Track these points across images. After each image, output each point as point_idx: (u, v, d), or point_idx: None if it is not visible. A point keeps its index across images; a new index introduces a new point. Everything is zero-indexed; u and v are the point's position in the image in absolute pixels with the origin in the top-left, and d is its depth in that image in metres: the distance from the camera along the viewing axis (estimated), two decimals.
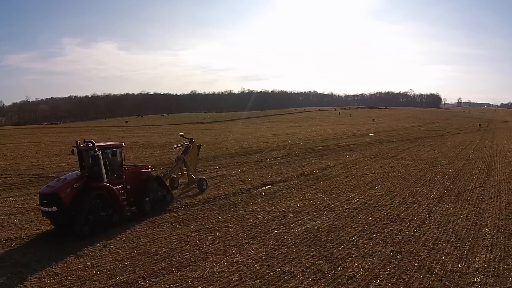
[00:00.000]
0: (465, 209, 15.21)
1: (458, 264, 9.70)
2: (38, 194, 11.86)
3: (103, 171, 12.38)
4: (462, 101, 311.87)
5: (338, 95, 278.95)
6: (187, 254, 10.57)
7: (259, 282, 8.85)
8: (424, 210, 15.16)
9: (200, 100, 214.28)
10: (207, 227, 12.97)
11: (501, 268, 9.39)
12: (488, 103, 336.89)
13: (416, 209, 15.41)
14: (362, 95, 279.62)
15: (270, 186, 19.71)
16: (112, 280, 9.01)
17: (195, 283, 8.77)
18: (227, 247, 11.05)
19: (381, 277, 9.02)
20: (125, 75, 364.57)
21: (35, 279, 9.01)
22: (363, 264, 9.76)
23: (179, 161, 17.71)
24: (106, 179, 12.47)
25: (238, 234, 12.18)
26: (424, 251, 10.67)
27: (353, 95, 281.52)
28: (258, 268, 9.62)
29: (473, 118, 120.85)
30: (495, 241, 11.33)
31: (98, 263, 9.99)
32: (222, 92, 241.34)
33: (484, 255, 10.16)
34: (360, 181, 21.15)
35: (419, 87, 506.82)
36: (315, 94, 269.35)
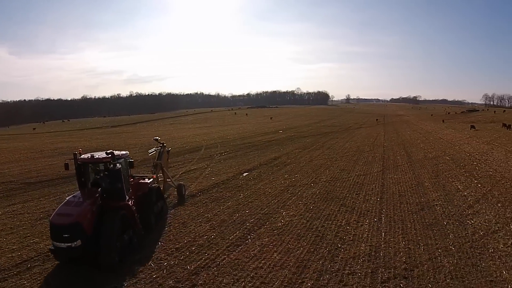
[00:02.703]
0: (406, 175, 27.95)
1: (417, 199, 21.26)
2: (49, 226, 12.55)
3: (124, 187, 14.31)
4: (351, 98, 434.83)
5: (225, 96, 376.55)
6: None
7: (311, 216, 17.77)
8: (378, 178, 27.03)
9: (92, 105, 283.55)
10: (240, 201, 21.28)
11: (442, 198, 21.46)
12: (377, 99, 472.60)
13: (371, 178, 27.12)
14: (248, 94, 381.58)
15: (247, 173, 29.52)
16: None
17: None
18: (274, 206, 19.87)
19: (376, 209, 19.47)
20: (14, 80, 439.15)
21: None
22: (363, 205, 20.01)
23: (158, 167, 21.95)
24: (127, 197, 14.46)
25: (270, 201, 21.23)
26: (396, 195, 21.89)
27: (239, 95, 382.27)
28: (305, 212, 18.48)
29: (367, 114, 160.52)
30: (434, 188, 23.73)
31: None
32: (112, 96, 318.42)
33: (433, 194, 22.16)
34: (314, 165, 32.45)
35: (307, 85, 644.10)
36: (202, 95, 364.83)
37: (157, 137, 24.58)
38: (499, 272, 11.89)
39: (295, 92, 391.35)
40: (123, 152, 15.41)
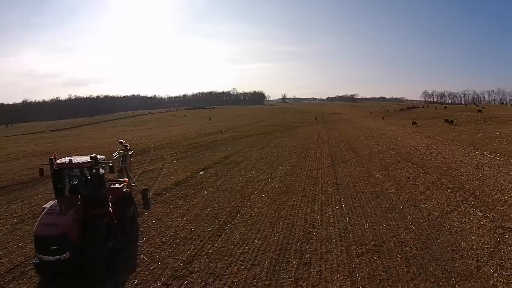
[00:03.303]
0: (356, 168, 30.88)
1: (371, 189, 24.03)
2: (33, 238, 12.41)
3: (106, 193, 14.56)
4: (287, 97, 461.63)
5: (162, 97, 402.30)
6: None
7: (277, 207, 19.66)
8: (330, 171, 29.65)
9: (33, 109, 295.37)
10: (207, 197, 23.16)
11: (394, 187, 24.43)
12: (313, 98, 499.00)
13: (324, 172, 29.67)
14: (185, 96, 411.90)
15: (203, 172, 31.80)
16: None
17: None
18: (240, 200, 21.30)
19: (335, 198, 21.91)
20: None
21: None
22: (322, 196, 22.35)
23: (123, 171, 22.19)
24: (109, 203, 14.70)
25: (235, 196, 23.42)
26: (351, 186, 24.51)
27: (175, 96, 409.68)
28: (271, 203, 20.36)
29: (304, 113, 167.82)
30: (385, 179, 26.71)
31: None
32: (51, 100, 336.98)
33: (386, 184, 25.05)
34: (266, 162, 34.77)
35: (243, 85, 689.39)
36: (139, 97, 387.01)
37: (121, 140, 24.83)
38: (458, 243, 14.45)
39: (231, 92, 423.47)
40: (101, 157, 15.20)
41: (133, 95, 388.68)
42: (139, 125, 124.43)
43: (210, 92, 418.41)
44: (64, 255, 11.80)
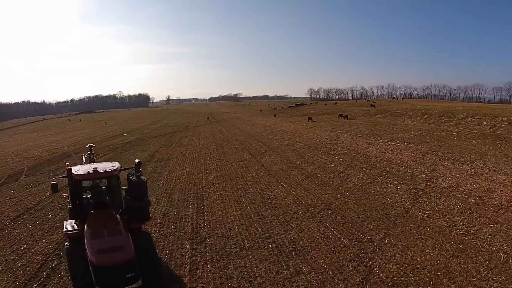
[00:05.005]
0: (276, 158, 36.41)
1: (299, 172, 29.75)
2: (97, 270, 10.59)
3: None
4: (171, 98, 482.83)
5: (50, 102, 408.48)
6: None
7: (232, 189, 24.19)
8: (255, 162, 34.82)
9: None
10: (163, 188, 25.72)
11: (317, 170, 30.45)
12: (196, 98, 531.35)
13: (249, 163, 34.73)
14: (72, 100, 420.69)
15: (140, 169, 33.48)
16: None
17: None
18: (196, 187, 25.19)
19: (274, 180, 27.14)
20: None
21: None
22: (262, 179, 27.40)
23: None
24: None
25: (188, 185, 26.75)
26: (280, 171, 29.98)
27: (63, 101, 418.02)
28: (224, 187, 24.79)
29: (193, 113, 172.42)
30: (306, 164, 32.63)
31: None
32: None
33: (309, 168, 30.94)
34: (192, 158, 39.05)
35: (128, 88, 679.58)
36: (28, 103, 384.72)
37: (92, 144, 23.87)
38: (385, 200, 20.64)
39: (117, 95, 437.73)
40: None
41: (24, 102, 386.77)
42: (40, 131, 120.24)
43: (96, 96, 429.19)
44: (138, 281, 10.69)
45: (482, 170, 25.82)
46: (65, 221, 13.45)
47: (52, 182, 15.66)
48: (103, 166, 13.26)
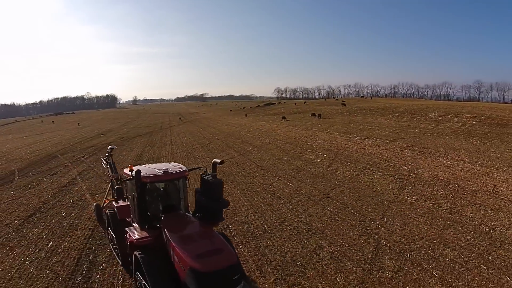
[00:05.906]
0: (263, 155, 38.87)
1: (289, 167, 32.37)
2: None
3: None
4: (138, 99, 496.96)
5: (19, 104, 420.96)
6: None
7: (242, 182, 26.53)
8: (245, 159, 37.21)
9: None
10: None
11: (306, 165, 33.13)
12: (162, 99, 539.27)
13: (239, 159, 37.08)
14: (41, 102, 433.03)
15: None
16: None
17: None
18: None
19: (269, 174, 29.65)
20: None
21: None
22: (259, 175, 29.84)
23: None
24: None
25: None
26: (273, 166, 32.47)
27: (32, 103, 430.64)
28: (234, 181, 27.03)
29: (162, 113, 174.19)
30: (294, 160, 35.23)
31: None
32: None
33: (297, 163, 33.57)
34: (181, 156, 40.72)
35: (95, 89, 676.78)
36: None
37: (114, 146, 22.94)
38: (375, 188, 23.41)
39: (85, 96, 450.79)
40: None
41: None
42: (15, 133, 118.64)
43: (65, 97, 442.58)
44: (244, 282, 10.23)
45: (457, 163, 29.09)
46: (126, 229, 12.74)
47: (116, 187, 15.19)
48: (169, 167, 12.80)
